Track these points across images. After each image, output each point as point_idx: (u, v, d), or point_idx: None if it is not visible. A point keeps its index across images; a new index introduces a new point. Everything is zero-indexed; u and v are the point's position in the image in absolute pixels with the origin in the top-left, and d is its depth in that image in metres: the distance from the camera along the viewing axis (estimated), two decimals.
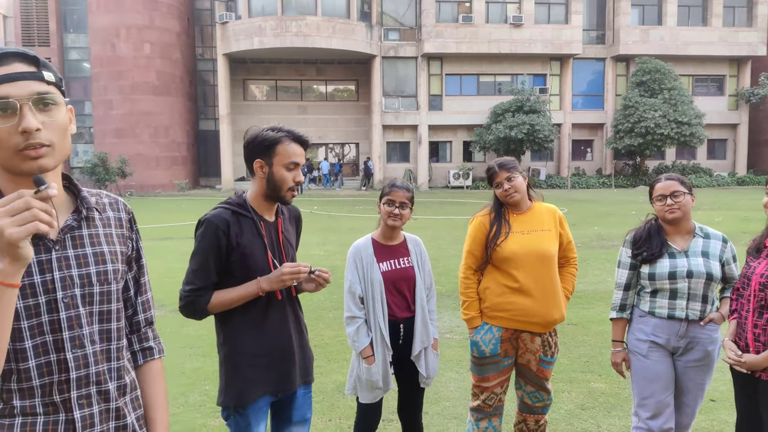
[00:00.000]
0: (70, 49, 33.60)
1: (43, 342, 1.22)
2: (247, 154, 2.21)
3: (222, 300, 2.13)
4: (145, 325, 1.51)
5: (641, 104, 29.43)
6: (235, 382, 2.19)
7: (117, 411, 1.33)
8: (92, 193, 1.40)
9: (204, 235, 2.12)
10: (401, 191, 2.81)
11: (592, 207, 19.75)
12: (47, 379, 1.23)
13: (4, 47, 1.20)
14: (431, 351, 2.90)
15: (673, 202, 2.72)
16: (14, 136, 1.15)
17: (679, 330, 2.75)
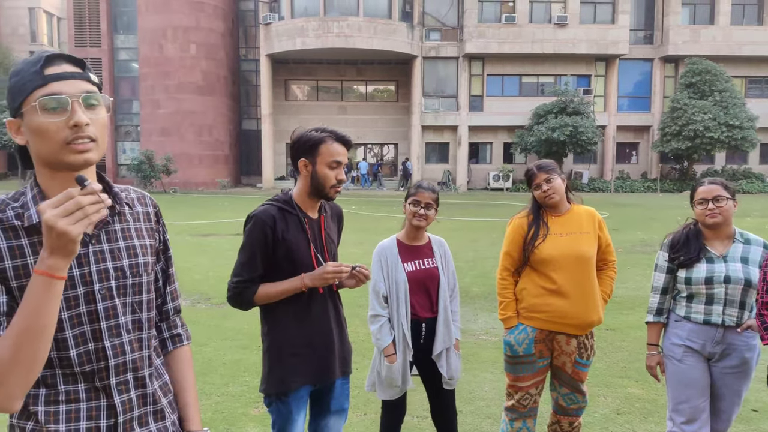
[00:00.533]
0: (119, 49, 34.68)
1: (82, 332, 1.29)
2: (292, 153, 2.32)
3: (267, 292, 2.25)
4: (173, 313, 1.59)
5: (690, 106, 28.53)
6: (277, 370, 2.29)
7: (153, 396, 1.40)
8: (121, 189, 1.46)
9: (252, 230, 2.24)
10: (427, 192, 2.85)
11: (635, 211, 19.28)
12: (87, 367, 1.30)
13: (52, 50, 1.28)
14: (453, 351, 2.93)
15: (715, 206, 2.69)
16: (63, 130, 1.21)
17: (715, 336, 2.71)
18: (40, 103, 1.20)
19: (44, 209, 1.07)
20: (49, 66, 1.24)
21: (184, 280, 8.22)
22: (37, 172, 1.31)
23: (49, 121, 1.20)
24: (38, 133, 1.22)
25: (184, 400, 1.52)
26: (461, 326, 5.94)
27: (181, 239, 12.46)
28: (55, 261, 1.09)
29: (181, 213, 17.98)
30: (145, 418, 1.38)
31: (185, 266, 9.29)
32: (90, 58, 33.34)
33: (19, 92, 1.24)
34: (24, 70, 1.25)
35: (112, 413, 1.32)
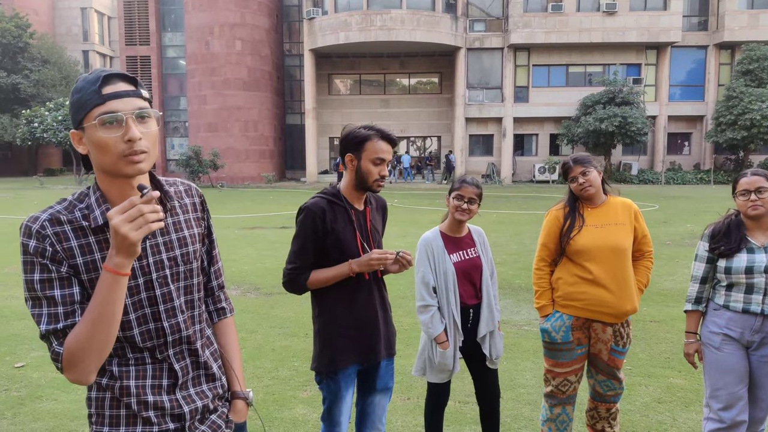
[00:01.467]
0: (167, 47, 35.64)
1: (143, 314, 1.49)
2: (340, 149, 2.47)
3: (318, 278, 2.42)
4: (217, 289, 1.77)
5: (747, 95, 27.43)
6: (327, 350, 2.45)
7: (205, 363, 1.62)
8: (170, 183, 1.62)
9: (304, 221, 2.40)
10: (471, 187, 2.93)
11: (686, 204, 18.73)
12: (149, 343, 1.50)
13: (109, 69, 1.42)
14: (497, 332, 3.04)
15: (757, 198, 2.70)
16: (120, 144, 1.36)
17: (754, 324, 2.73)
18: (99, 120, 1.35)
19: (112, 216, 1.26)
20: (106, 85, 1.38)
21: (234, 271, 8.48)
22: (97, 177, 1.47)
23: (107, 137, 1.36)
24: (98, 147, 1.38)
25: (229, 365, 1.73)
26: (504, 317, 5.97)
27: (229, 232, 12.80)
28: (120, 260, 1.29)
29: (228, 207, 18.44)
30: (198, 379, 1.60)
31: (234, 258, 9.56)
32: (140, 56, 34.49)
33: (80, 108, 1.39)
34: (84, 88, 1.39)
35: (172, 375, 1.54)
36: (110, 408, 1.50)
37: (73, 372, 1.35)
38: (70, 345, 1.34)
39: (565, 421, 3.12)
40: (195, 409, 1.57)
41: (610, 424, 3.17)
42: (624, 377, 3.14)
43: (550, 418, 3.14)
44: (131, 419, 1.50)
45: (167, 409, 1.52)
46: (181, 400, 1.54)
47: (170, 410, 1.52)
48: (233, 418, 1.70)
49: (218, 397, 1.66)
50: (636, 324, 5.74)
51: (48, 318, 1.37)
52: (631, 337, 3.10)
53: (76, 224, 1.41)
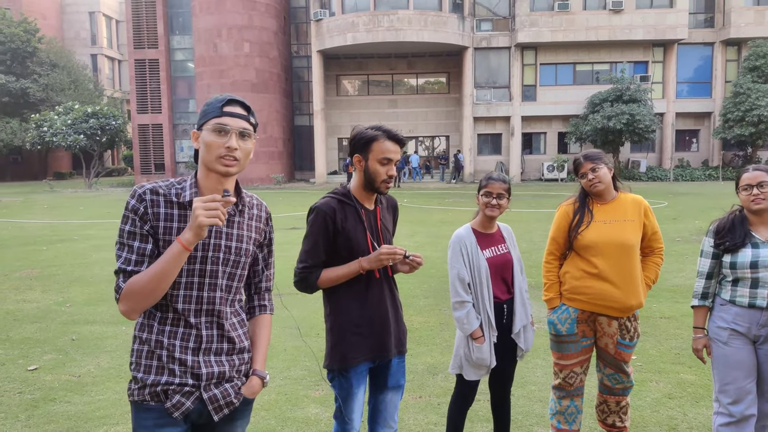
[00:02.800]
0: (175, 50, 35.74)
1: (190, 281, 1.83)
2: (349, 150, 2.51)
3: (329, 276, 2.46)
4: (264, 290, 2.09)
5: (754, 91, 27.36)
6: (339, 347, 2.48)
7: (230, 337, 1.90)
8: (248, 195, 1.99)
9: (314, 221, 2.44)
10: (498, 183, 2.96)
11: (694, 200, 18.72)
12: (186, 306, 1.83)
13: (234, 96, 1.86)
14: (530, 327, 3.08)
15: (759, 192, 2.75)
16: (221, 148, 1.78)
17: (761, 318, 2.77)
18: (213, 127, 1.79)
19: (196, 201, 1.66)
20: (227, 106, 1.82)
21: None
22: (198, 168, 1.87)
23: (214, 140, 1.78)
24: (206, 146, 1.80)
25: (256, 348, 2.01)
26: None
27: None
28: (189, 236, 1.67)
29: None
30: (221, 350, 1.89)
31: None
32: (148, 60, 34.67)
33: (204, 116, 1.82)
34: (212, 103, 1.83)
35: (198, 339, 1.85)
36: (146, 359, 1.83)
37: (125, 305, 1.73)
38: (131, 285, 1.71)
39: (573, 413, 3.20)
40: (211, 372, 1.85)
41: (620, 418, 3.23)
42: (632, 371, 3.20)
43: (559, 411, 3.22)
44: (160, 369, 1.81)
45: (188, 366, 1.82)
46: (201, 362, 1.83)
47: (191, 368, 1.82)
48: (245, 392, 1.93)
49: (237, 370, 1.92)
50: (646, 320, 5.80)
51: (124, 260, 1.75)
52: (639, 332, 3.16)
53: (169, 198, 1.80)
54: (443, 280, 7.85)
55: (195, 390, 1.83)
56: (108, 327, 6.00)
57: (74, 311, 6.66)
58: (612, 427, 3.27)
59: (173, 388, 1.80)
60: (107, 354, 5.19)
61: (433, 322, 6.01)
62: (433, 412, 3.91)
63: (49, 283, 8.16)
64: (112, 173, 46.51)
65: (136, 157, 35.39)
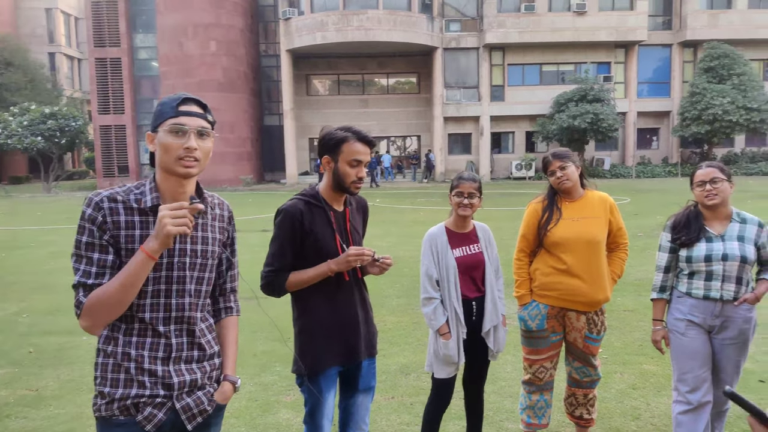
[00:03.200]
0: (139, 48, 34.86)
1: (158, 289, 1.76)
2: (318, 150, 2.48)
3: (298, 279, 2.42)
4: (230, 291, 2.05)
5: (709, 90, 28.32)
6: (308, 352, 2.45)
7: (199, 344, 1.86)
8: (208, 195, 1.93)
9: (282, 223, 2.41)
10: (468, 182, 3.00)
11: (656, 196, 19.29)
12: (154, 314, 1.77)
13: (188, 94, 1.80)
14: (501, 327, 3.11)
15: (712, 187, 2.89)
16: (179, 149, 1.72)
17: (714, 309, 2.92)
18: (170, 128, 1.73)
19: (163, 209, 1.61)
20: (183, 105, 1.76)
21: None
22: (156, 171, 1.81)
23: (172, 141, 1.72)
24: (163, 148, 1.73)
25: (226, 353, 1.98)
26: None
27: None
28: (155, 245, 1.61)
29: None
30: (191, 357, 1.84)
31: None
32: (110, 58, 33.78)
33: (159, 116, 1.75)
34: (166, 103, 1.77)
35: (167, 348, 1.79)
36: (112, 372, 1.75)
37: (87, 321, 1.68)
38: (93, 299, 1.65)
39: (543, 407, 3.32)
40: (183, 381, 1.80)
41: (588, 410, 3.35)
42: (599, 364, 3.33)
43: (529, 405, 3.33)
44: (128, 382, 1.75)
45: (159, 377, 1.76)
46: (172, 372, 1.78)
47: (162, 378, 1.76)
48: (217, 398, 1.90)
49: (209, 377, 1.88)
50: (611, 313, 5.95)
51: (83, 273, 1.68)
52: (606, 325, 3.28)
53: (128, 204, 1.74)
54: (415, 280, 7.88)
55: (167, 400, 1.78)
56: (68, 338, 5.77)
57: (32, 321, 6.43)
58: (580, 419, 3.39)
59: (144, 401, 1.74)
60: (68, 366, 5.01)
61: (405, 321, 6.10)
62: (406, 412, 3.95)
63: (5, 292, 7.87)
64: (73, 176, 44.86)
65: (98, 160, 34.35)
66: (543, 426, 3.37)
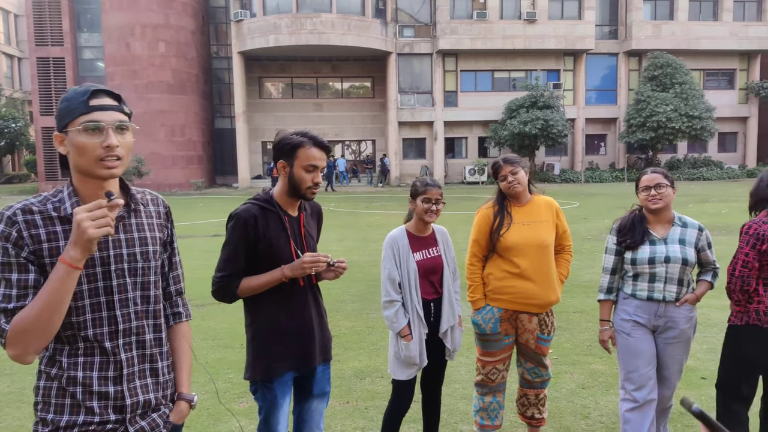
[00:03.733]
0: (83, 48, 33.71)
1: (98, 302, 1.60)
2: (274, 155, 2.45)
3: (250, 285, 2.37)
4: (175, 294, 1.89)
5: (653, 98, 29.42)
6: (262, 358, 2.41)
7: (151, 357, 1.71)
8: (139, 191, 1.77)
9: (234, 228, 2.36)
10: (435, 189, 3.03)
11: (603, 200, 19.88)
12: (98, 330, 1.60)
13: (97, 85, 1.60)
14: (457, 327, 3.16)
15: (657, 193, 2.99)
16: (98, 149, 1.54)
17: (658, 310, 3.03)
18: (83, 126, 1.53)
19: (78, 211, 1.41)
20: (93, 98, 1.56)
21: None
22: (72, 175, 1.61)
23: (88, 141, 1.54)
24: (78, 149, 1.54)
25: (178, 366, 1.84)
26: None
27: None
28: (76, 253, 1.42)
29: None
30: (144, 373, 1.69)
31: None
32: (52, 58, 32.55)
33: (67, 114, 1.56)
34: (73, 98, 1.56)
35: (117, 366, 1.63)
36: (56, 397, 1.59)
37: (15, 349, 1.48)
38: (16, 324, 1.46)
39: (496, 409, 3.36)
40: (137, 402, 1.65)
41: (539, 410, 3.41)
42: (550, 364, 3.40)
43: (482, 407, 3.36)
44: (75, 408, 1.58)
45: (111, 399, 1.60)
46: (125, 392, 1.63)
47: (113, 401, 1.61)
48: (173, 418, 1.77)
49: (163, 395, 1.74)
50: (560, 315, 6.09)
51: (2, 297, 1.49)
52: (555, 326, 3.36)
53: (46, 214, 1.56)
54: (371, 284, 7.93)
55: (119, 425, 1.62)
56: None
57: None
58: (531, 419, 3.45)
59: (93, 429, 1.59)
60: (6, 377, 4.80)
61: (360, 326, 6.07)
62: (361, 416, 3.93)
63: None
64: (13, 180, 42.95)
65: (39, 163, 32.87)
66: (496, 427, 3.41)
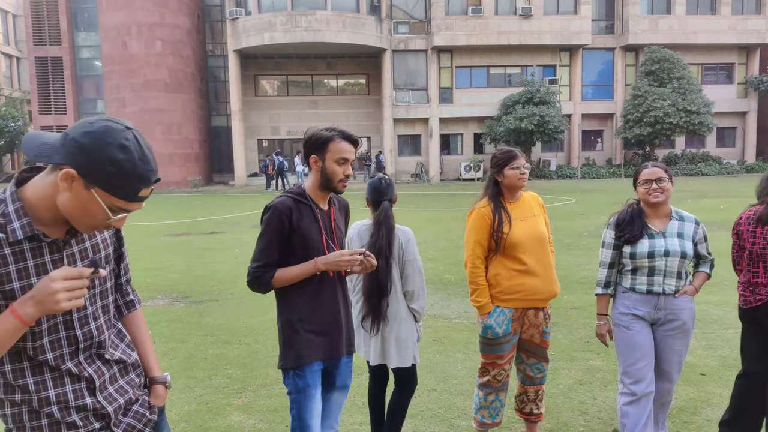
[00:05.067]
0: (81, 47, 33.82)
1: (55, 324, 1.48)
2: (305, 151, 2.52)
3: (284, 276, 2.43)
4: (125, 284, 1.81)
5: (650, 94, 29.38)
6: (293, 347, 2.47)
7: (118, 360, 1.66)
8: None
9: (270, 219, 2.42)
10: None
11: (600, 197, 19.88)
12: (57, 352, 1.49)
13: (155, 176, 1.42)
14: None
15: (658, 186, 3.00)
16: (106, 221, 1.41)
17: (657, 303, 3.04)
18: (113, 206, 1.39)
19: (56, 279, 1.27)
20: (144, 188, 1.41)
21: (161, 280, 8.27)
22: (34, 194, 1.40)
23: (105, 213, 1.39)
24: (86, 206, 1.37)
25: (143, 353, 1.79)
26: (435, 311, 6.22)
27: (155, 240, 12.45)
28: (33, 312, 1.29)
29: (153, 214, 17.78)
30: (114, 377, 1.63)
31: (160, 266, 9.33)
32: (50, 57, 32.57)
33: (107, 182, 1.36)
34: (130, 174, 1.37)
35: (88, 380, 1.55)
36: (30, 420, 1.48)
37: None
38: None
39: (497, 407, 3.35)
40: (118, 406, 1.61)
41: (537, 405, 3.40)
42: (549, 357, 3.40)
43: (484, 406, 3.34)
44: (54, 427, 1.49)
45: (90, 410, 1.54)
46: (103, 401, 1.57)
47: (94, 411, 1.55)
48: (154, 401, 1.75)
49: (138, 386, 1.71)
50: (557, 311, 6.07)
51: None
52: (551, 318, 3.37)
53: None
54: None
55: (104, 429, 1.58)
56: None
57: None
58: (529, 415, 3.43)
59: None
60: None
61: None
62: (358, 412, 3.94)
63: None
64: None
65: None
66: (496, 425, 3.40)
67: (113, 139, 1.33)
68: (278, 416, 3.90)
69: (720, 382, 4.33)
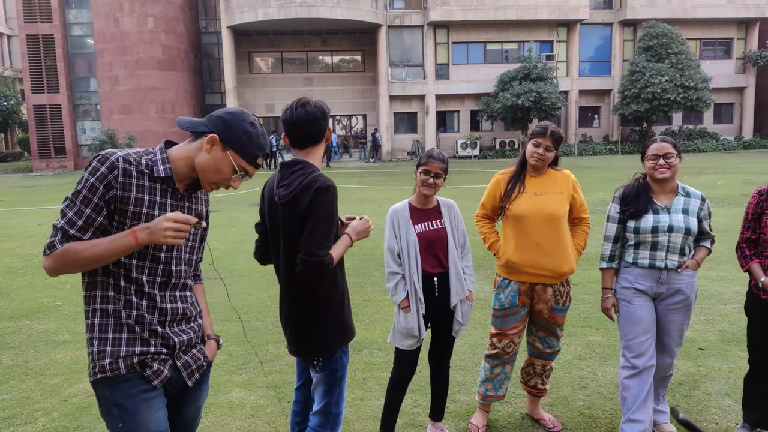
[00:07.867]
0: (72, 24, 33.19)
1: (159, 255, 1.85)
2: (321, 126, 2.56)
3: (337, 254, 2.34)
4: (196, 262, 2.14)
5: (648, 69, 29.21)
6: (344, 326, 2.46)
7: (189, 307, 1.99)
8: None
9: (334, 199, 2.30)
10: (437, 162, 3.01)
11: (597, 173, 19.86)
12: (153, 278, 1.85)
13: (268, 145, 1.94)
14: (466, 302, 3.15)
15: (665, 162, 2.97)
16: (227, 180, 1.87)
17: (660, 278, 3.04)
18: (239, 167, 1.87)
19: (169, 218, 1.70)
20: (260, 156, 1.91)
21: None
22: (178, 154, 1.85)
23: (230, 172, 1.86)
24: (217, 166, 1.84)
25: (203, 314, 2.10)
26: None
27: None
28: (145, 237, 1.70)
29: None
30: (182, 321, 1.95)
31: None
32: (42, 35, 32.03)
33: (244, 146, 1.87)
34: (257, 141, 1.89)
35: (163, 312, 1.88)
36: (114, 332, 1.80)
37: (51, 264, 1.70)
38: (67, 251, 1.68)
39: (502, 379, 3.38)
40: (182, 341, 1.92)
41: (543, 380, 3.43)
42: (562, 335, 3.39)
43: (489, 378, 3.37)
44: (131, 341, 1.81)
45: (160, 337, 1.86)
46: (171, 334, 1.89)
47: (163, 339, 1.87)
48: (208, 353, 2.05)
49: (197, 335, 2.02)
50: None
51: (68, 221, 1.71)
52: (571, 296, 3.35)
53: (141, 168, 1.78)
54: (365, 258, 7.94)
55: (169, 358, 1.88)
56: (9, 322, 5.63)
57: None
58: (533, 389, 3.46)
59: (151, 357, 1.83)
60: (10, 350, 4.88)
61: (356, 299, 6.07)
62: (359, 387, 3.97)
63: None
64: (7, 158, 42.74)
65: (32, 141, 32.57)
66: (500, 398, 3.42)
67: (246, 117, 1.89)
68: (279, 392, 3.93)
69: (719, 356, 4.37)
